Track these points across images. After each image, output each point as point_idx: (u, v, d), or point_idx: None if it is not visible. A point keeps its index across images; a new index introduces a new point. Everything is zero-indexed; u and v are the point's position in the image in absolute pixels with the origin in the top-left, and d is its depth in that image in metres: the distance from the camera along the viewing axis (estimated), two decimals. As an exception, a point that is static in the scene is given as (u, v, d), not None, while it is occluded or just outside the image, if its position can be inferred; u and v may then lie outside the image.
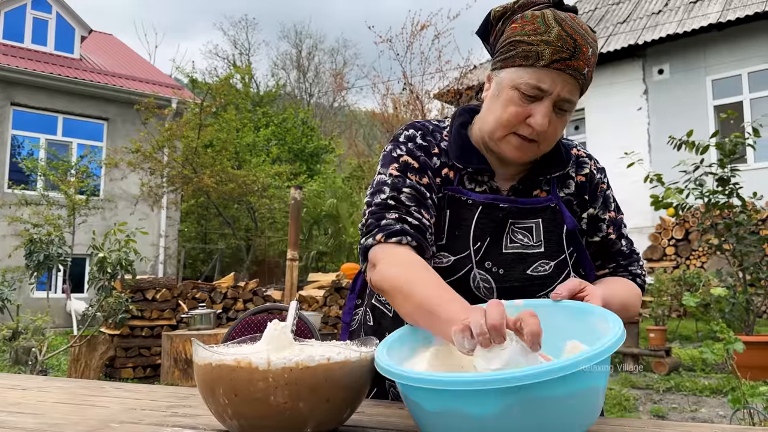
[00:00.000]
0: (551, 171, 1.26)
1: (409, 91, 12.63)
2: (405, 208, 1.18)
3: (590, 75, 1.16)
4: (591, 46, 1.15)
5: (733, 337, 3.19)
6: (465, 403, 0.79)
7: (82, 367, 6.03)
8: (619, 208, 1.37)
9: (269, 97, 25.69)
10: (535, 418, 0.80)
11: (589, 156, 1.35)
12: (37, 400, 1.21)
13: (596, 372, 0.84)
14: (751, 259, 6.00)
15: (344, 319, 1.44)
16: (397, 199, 1.19)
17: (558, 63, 1.12)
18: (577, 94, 1.17)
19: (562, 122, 1.19)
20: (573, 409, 0.83)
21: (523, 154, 1.19)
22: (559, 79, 1.13)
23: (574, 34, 1.13)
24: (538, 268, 1.21)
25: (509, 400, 0.77)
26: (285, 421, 0.86)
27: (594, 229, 1.31)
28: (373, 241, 1.16)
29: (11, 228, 10.18)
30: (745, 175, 6.75)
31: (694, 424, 0.99)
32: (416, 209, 1.18)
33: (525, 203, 1.23)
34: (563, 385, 0.79)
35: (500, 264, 1.21)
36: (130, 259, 5.79)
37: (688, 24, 11.64)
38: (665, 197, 5.89)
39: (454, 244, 1.22)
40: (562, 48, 1.12)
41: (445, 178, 1.26)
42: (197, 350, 0.91)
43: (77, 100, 13.63)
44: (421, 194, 1.20)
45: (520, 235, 1.23)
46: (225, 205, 14.76)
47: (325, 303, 7.73)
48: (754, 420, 3.10)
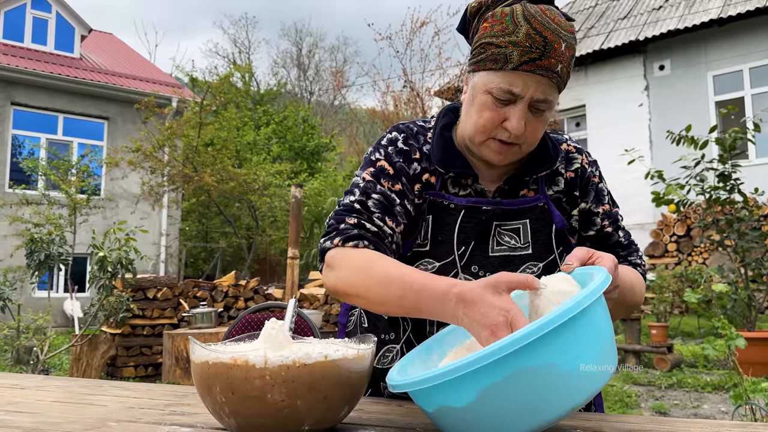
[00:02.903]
0: (538, 170, 1.24)
1: (409, 89, 12.63)
2: (368, 214, 1.17)
3: (565, 70, 1.12)
4: (565, 39, 1.10)
5: (734, 333, 3.19)
6: (445, 397, 0.80)
7: (84, 367, 6.04)
8: (613, 201, 1.34)
9: (270, 96, 25.69)
10: (515, 395, 0.77)
11: (580, 150, 1.32)
12: (36, 399, 1.20)
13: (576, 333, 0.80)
14: (753, 255, 5.99)
15: (341, 320, 1.44)
16: (363, 204, 1.18)
17: (527, 65, 1.09)
18: (553, 93, 1.13)
19: (542, 121, 1.16)
20: (556, 382, 0.78)
21: (504, 157, 1.18)
22: (531, 81, 1.10)
23: (544, 30, 1.09)
24: (526, 270, 1.20)
25: (484, 383, 0.77)
26: (282, 419, 0.86)
27: (588, 223, 1.29)
28: (331, 244, 1.15)
29: (12, 227, 10.19)
30: (747, 171, 6.74)
31: (696, 420, 0.98)
32: (379, 216, 1.17)
33: (510, 204, 1.22)
34: (535, 353, 0.76)
35: (487, 267, 1.19)
36: (130, 258, 5.79)
37: (689, 20, 11.61)
38: (666, 194, 5.89)
39: (438, 249, 1.21)
40: (530, 48, 1.08)
41: (425, 183, 1.24)
42: (194, 348, 0.90)
43: (77, 100, 13.64)
44: (390, 201, 1.19)
45: (506, 237, 1.21)
46: (226, 203, 14.76)
47: (326, 301, 7.73)
48: (756, 416, 3.09)
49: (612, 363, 0.86)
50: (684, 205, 5.94)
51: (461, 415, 0.80)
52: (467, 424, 0.81)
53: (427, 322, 1.23)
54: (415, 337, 1.25)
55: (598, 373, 0.82)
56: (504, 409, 0.78)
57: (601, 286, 0.85)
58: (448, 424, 0.84)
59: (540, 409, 0.79)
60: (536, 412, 0.79)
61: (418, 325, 1.24)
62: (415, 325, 1.25)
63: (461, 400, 0.79)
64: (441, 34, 12.78)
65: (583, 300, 0.80)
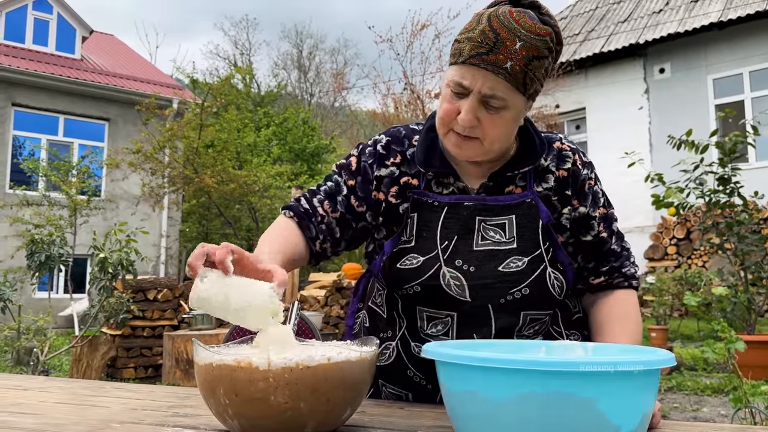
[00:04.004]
0: (522, 166, 1.26)
1: (409, 91, 12.63)
2: (311, 195, 1.33)
3: (517, 68, 1.12)
4: (522, 39, 1.11)
5: (734, 336, 3.18)
6: (484, 383, 0.79)
7: (84, 368, 6.04)
8: (608, 202, 1.34)
9: (270, 97, 25.68)
10: (546, 414, 0.76)
11: (574, 150, 1.32)
12: (38, 400, 1.21)
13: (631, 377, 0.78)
14: (753, 258, 5.99)
15: (348, 322, 1.46)
16: (317, 188, 1.35)
17: (474, 58, 1.12)
18: (505, 90, 1.13)
19: (501, 119, 1.16)
20: (596, 417, 0.76)
21: (463, 151, 1.20)
22: (479, 75, 1.13)
23: (500, 28, 1.12)
24: (510, 265, 1.21)
25: (530, 388, 0.75)
26: (285, 421, 0.87)
27: (586, 227, 1.29)
28: (280, 213, 1.34)
29: (13, 229, 10.18)
30: (747, 174, 6.74)
31: (695, 423, 0.99)
32: (320, 198, 1.32)
33: (494, 201, 1.24)
34: (590, 384, 0.75)
35: (471, 261, 1.21)
36: (131, 260, 5.80)
37: (689, 23, 11.63)
38: (666, 196, 5.88)
39: (422, 245, 1.24)
40: (481, 43, 1.12)
41: (405, 185, 1.29)
42: (198, 350, 0.91)
43: (78, 101, 13.65)
44: (338, 191, 1.32)
45: (491, 232, 1.22)
46: (226, 205, 14.74)
47: (326, 303, 7.74)
48: (756, 419, 3.10)
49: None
50: (684, 208, 5.94)
51: (484, 408, 0.79)
52: (485, 419, 0.80)
53: (418, 317, 1.26)
54: (409, 334, 1.28)
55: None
56: (526, 421, 0.77)
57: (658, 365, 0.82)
58: (464, 412, 0.83)
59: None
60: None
61: (412, 322, 1.28)
62: (410, 321, 1.28)
63: (497, 393, 0.78)
64: (441, 36, 12.74)
65: (661, 361, 0.80)
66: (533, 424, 0.77)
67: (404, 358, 1.29)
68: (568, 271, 1.26)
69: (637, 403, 0.79)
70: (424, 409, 1.16)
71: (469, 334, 1.21)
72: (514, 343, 1.07)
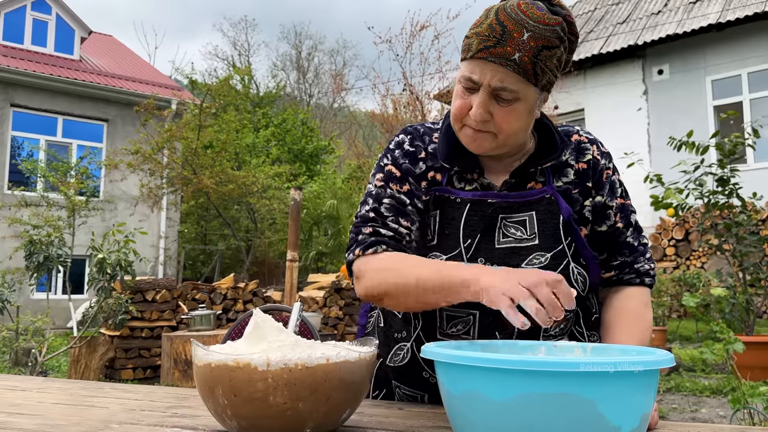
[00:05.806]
0: (543, 162, 1.25)
1: (409, 92, 12.62)
2: (382, 220, 1.24)
3: (525, 59, 1.11)
4: (530, 30, 1.11)
5: (733, 337, 3.19)
6: (483, 384, 0.78)
7: (82, 369, 6.03)
8: (626, 193, 1.34)
9: (269, 98, 25.68)
10: (546, 416, 0.75)
11: (592, 140, 1.32)
12: (37, 401, 1.21)
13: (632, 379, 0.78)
14: (751, 260, 5.99)
15: (360, 321, 1.46)
16: (376, 211, 1.25)
17: (482, 52, 1.12)
18: (515, 81, 1.12)
19: (514, 112, 1.15)
20: (601, 416, 0.76)
21: (478, 145, 1.20)
22: (487, 68, 1.13)
23: (507, 20, 1.12)
24: (533, 261, 1.20)
25: (529, 389, 0.75)
26: (284, 421, 0.86)
27: (602, 217, 1.29)
28: (353, 256, 1.23)
29: (11, 229, 10.17)
30: (745, 176, 6.75)
31: (694, 424, 0.99)
32: (393, 219, 1.24)
33: (517, 197, 1.23)
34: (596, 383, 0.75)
35: (493, 259, 1.20)
36: (129, 260, 5.79)
37: (688, 24, 11.64)
38: (665, 197, 5.89)
39: (444, 242, 1.23)
40: (488, 36, 1.12)
41: (431, 180, 1.27)
42: (196, 351, 0.90)
43: (77, 102, 13.63)
44: (401, 203, 1.25)
45: (512, 229, 1.22)
46: (225, 206, 14.74)
47: (325, 304, 7.73)
48: (755, 420, 3.10)
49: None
50: (682, 209, 5.95)
51: (483, 408, 0.79)
52: (484, 419, 0.80)
53: (437, 317, 1.23)
54: (424, 335, 1.26)
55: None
56: (526, 421, 0.77)
57: None
58: (463, 413, 0.83)
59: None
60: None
61: (429, 322, 1.25)
62: (426, 321, 1.25)
63: (496, 394, 0.78)
64: (441, 37, 12.75)
65: (660, 361, 0.80)
66: (533, 424, 0.77)
67: (419, 359, 1.27)
68: (591, 266, 1.26)
69: (636, 404, 0.79)
70: (423, 409, 1.16)
71: (491, 333, 1.19)
72: (514, 343, 1.08)
